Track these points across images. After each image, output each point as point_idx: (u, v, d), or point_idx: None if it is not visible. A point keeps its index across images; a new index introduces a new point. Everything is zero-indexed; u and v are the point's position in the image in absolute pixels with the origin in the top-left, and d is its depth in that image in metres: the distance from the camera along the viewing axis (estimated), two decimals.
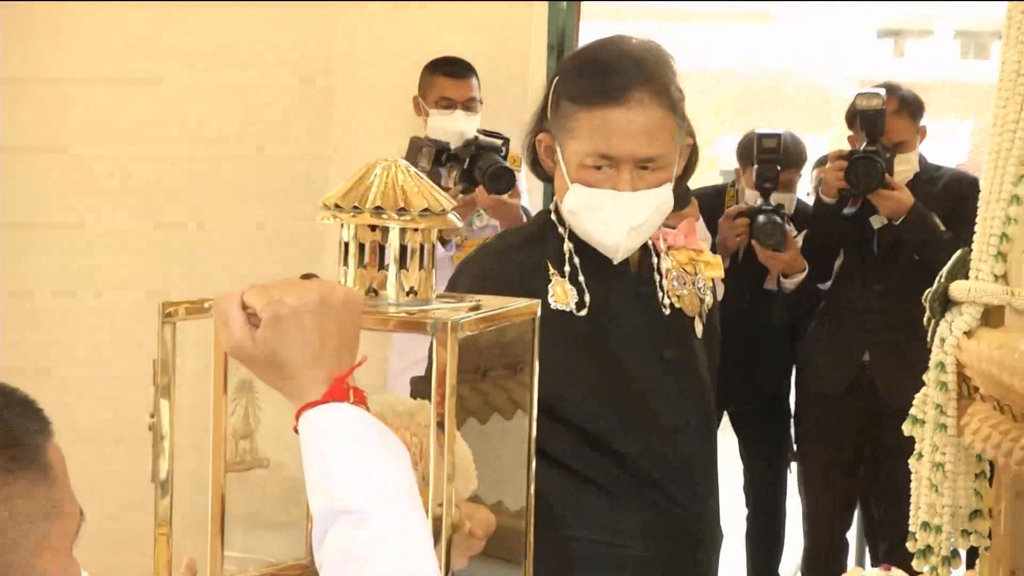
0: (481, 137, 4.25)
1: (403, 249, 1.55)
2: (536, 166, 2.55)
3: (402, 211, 1.52)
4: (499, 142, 4.23)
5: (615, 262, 2.43)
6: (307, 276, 1.50)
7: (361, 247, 1.57)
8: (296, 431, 1.42)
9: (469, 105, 4.55)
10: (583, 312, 2.40)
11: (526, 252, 2.47)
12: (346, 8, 5.11)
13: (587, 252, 2.43)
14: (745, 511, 5.49)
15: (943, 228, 4.33)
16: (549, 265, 2.42)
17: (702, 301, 2.54)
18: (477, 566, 1.87)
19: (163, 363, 1.56)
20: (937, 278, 2.20)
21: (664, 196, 2.40)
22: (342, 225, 1.57)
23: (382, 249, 1.57)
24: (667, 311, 2.48)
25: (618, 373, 2.42)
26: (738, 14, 17.64)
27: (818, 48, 17.44)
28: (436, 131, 4.38)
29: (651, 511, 2.43)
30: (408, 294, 1.57)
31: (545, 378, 1.80)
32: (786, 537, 5.55)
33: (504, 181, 4.15)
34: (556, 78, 2.48)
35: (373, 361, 1.66)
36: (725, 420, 5.20)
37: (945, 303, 2.18)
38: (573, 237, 2.44)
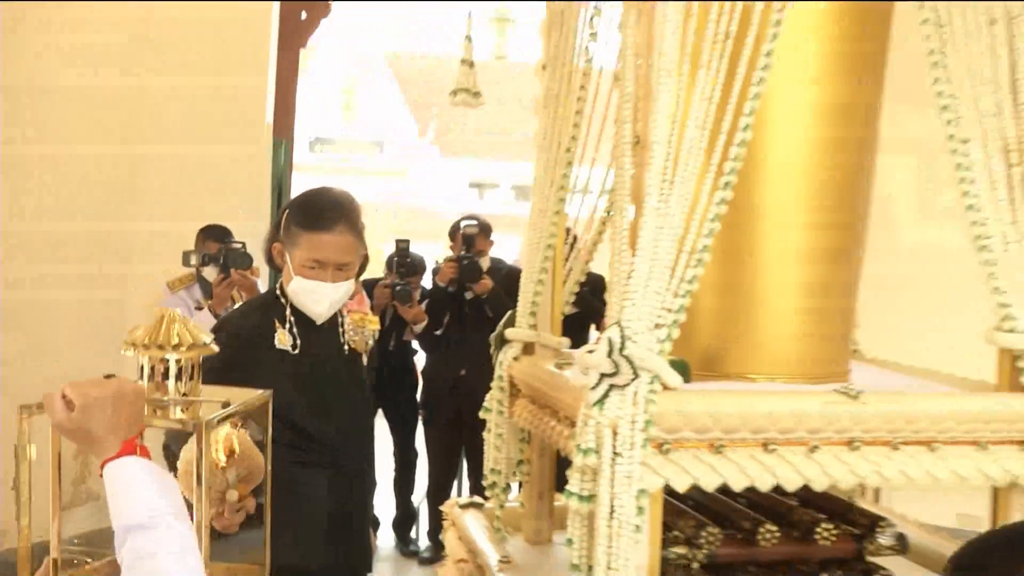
0: (228, 246, 4.35)
1: (179, 369, 1.58)
2: (271, 262, 2.61)
3: (177, 346, 1.57)
4: (239, 245, 4.35)
5: (318, 323, 2.53)
6: (109, 376, 1.48)
7: (153, 367, 1.58)
8: (101, 476, 1.41)
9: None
10: (296, 351, 2.46)
11: (262, 313, 2.52)
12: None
13: (299, 315, 2.51)
14: (393, 466, 5.61)
15: (507, 298, 4.68)
16: (276, 322, 2.47)
17: (367, 344, 2.65)
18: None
19: (21, 446, 1.54)
20: (498, 326, 2.41)
21: (350, 285, 2.53)
22: (139, 355, 1.59)
23: (166, 368, 1.58)
24: (347, 351, 2.59)
25: (318, 390, 2.49)
26: (382, 171, 18.70)
27: (434, 192, 18.71)
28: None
29: (334, 469, 2.50)
30: (183, 395, 1.59)
31: (276, 395, 1.81)
32: (417, 481, 5.70)
33: (246, 261, 4.30)
34: (287, 210, 2.56)
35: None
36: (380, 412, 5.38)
37: (502, 341, 2.38)
38: (291, 306, 2.50)
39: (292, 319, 2.49)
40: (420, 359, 5.56)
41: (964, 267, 2.01)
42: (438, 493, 5.19)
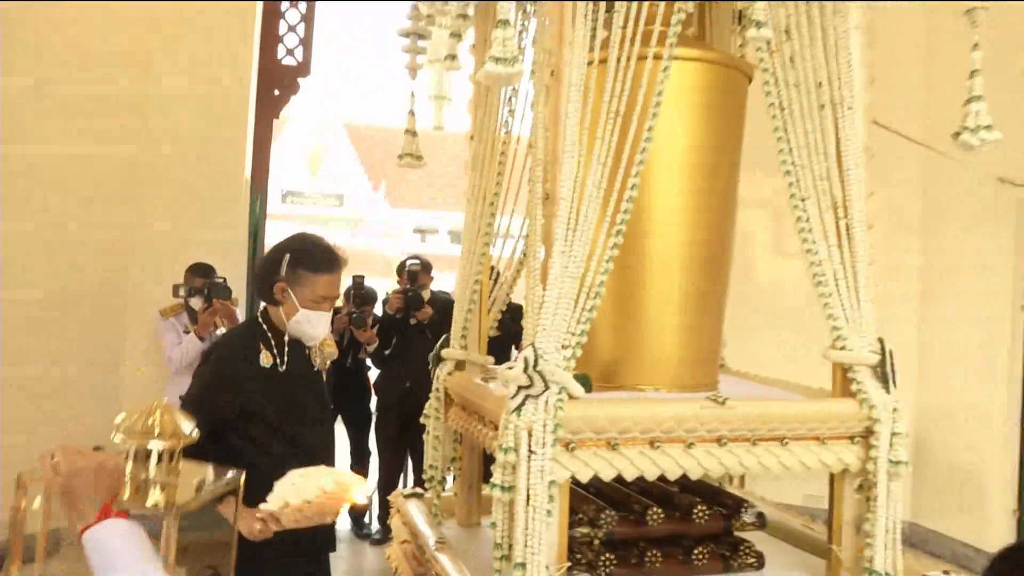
0: (212, 280, 4.22)
1: (160, 454, 1.39)
2: (270, 298, 2.43)
3: (160, 435, 1.40)
4: (221, 280, 4.22)
5: (310, 344, 2.42)
6: (97, 448, 1.36)
7: (139, 451, 1.41)
8: (79, 542, 1.28)
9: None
10: (277, 369, 2.35)
11: (248, 338, 2.40)
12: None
13: (278, 338, 2.40)
14: (349, 462, 5.46)
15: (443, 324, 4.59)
16: (260, 345, 2.36)
17: (325, 363, 2.56)
18: None
19: (18, 506, 1.37)
20: (436, 346, 2.37)
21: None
22: (126, 441, 1.42)
23: (149, 452, 1.41)
24: (315, 368, 2.49)
25: (293, 399, 2.39)
26: (342, 219, 18.45)
27: (385, 237, 18.46)
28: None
29: (303, 463, 2.29)
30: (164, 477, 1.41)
31: (259, 403, 1.72)
32: (370, 475, 5.56)
33: (227, 293, 4.18)
34: (288, 255, 2.39)
35: None
36: (340, 418, 5.28)
37: (439, 359, 2.35)
38: (270, 330, 2.39)
39: (273, 342, 2.39)
40: (373, 374, 5.47)
41: (806, 298, 2.04)
42: (387, 485, 5.09)
